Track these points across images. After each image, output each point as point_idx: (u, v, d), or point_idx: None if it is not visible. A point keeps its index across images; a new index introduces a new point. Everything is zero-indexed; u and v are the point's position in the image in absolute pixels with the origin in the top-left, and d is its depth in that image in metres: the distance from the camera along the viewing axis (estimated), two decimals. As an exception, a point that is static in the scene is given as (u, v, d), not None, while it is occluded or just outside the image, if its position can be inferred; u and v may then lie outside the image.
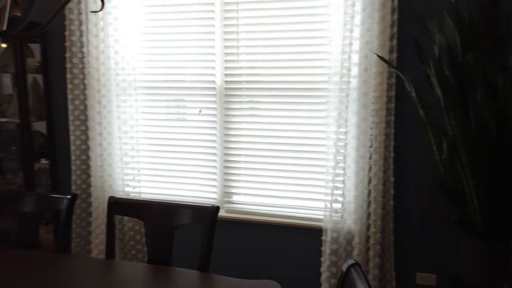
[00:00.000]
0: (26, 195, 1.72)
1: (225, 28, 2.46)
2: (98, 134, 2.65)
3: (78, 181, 2.78)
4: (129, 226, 2.72)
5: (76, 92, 2.69)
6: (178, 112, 2.66)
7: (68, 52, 2.62)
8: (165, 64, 2.61)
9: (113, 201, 1.65)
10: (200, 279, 1.38)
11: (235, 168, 2.58)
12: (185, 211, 1.57)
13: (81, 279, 1.34)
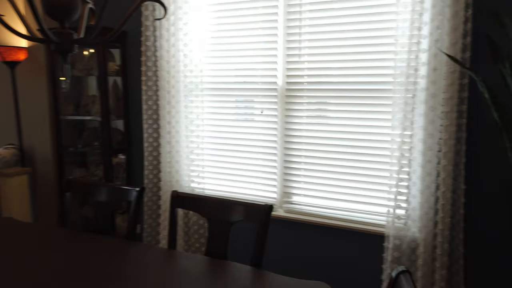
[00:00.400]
0: (103, 186, 1.91)
1: (288, 29, 2.48)
2: (167, 132, 2.84)
3: (150, 176, 3.00)
4: (194, 220, 2.87)
5: (150, 93, 2.91)
6: (241, 112, 2.74)
7: (143, 56, 2.84)
8: (229, 66, 2.70)
9: (175, 195, 1.77)
10: (252, 274, 1.42)
11: (295, 169, 2.59)
12: (240, 208, 1.63)
13: (141, 264, 1.46)
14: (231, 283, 1.35)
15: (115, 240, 1.69)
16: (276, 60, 2.54)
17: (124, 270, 1.42)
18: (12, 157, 3.23)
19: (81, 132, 3.37)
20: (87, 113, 3.18)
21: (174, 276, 1.39)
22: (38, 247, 1.61)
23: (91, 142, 3.26)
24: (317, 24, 2.40)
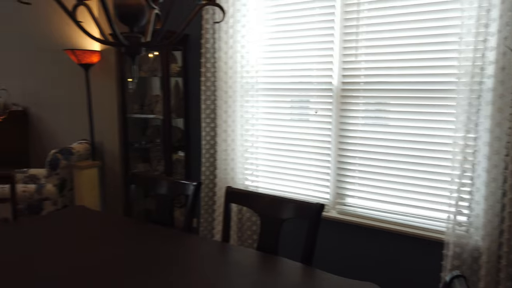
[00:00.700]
0: (163, 180, 2.04)
1: (345, 29, 2.46)
2: (224, 131, 2.94)
3: (206, 172, 3.13)
4: (247, 217, 2.94)
5: (208, 93, 3.03)
6: (295, 112, 2.76)
7: (202, 57, 2.97)
8: (284, 66, 2.74)
9: (229, 190, 1.84)
10: (302, 271, 1.44)
11: (350, 170, 2.56)
12: (291, 206, 1.65)
13: (196, 254, 1.55)
14: (281, 278, 1.38)
15: (173, 231, 1.80)
16: (332, 60, 2.53)
17: (180, 258, 1.51)
18: (85, 151, 3.54)
19: (145, 130, 3.61)
20: (151, 112, 3.39)
21: (227, 267, 1.46)
22: (105, 233, 1.77)
23: (154, 139, 3.47)
24: (375, 23, 2.35)
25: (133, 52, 1.09)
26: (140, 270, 1.41)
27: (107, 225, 1.88)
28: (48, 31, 4.02)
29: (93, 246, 1.63)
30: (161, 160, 3.46)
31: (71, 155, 3.36)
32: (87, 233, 1.77)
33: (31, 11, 4.14)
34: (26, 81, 4.36)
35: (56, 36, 3.96)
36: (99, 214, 2.03)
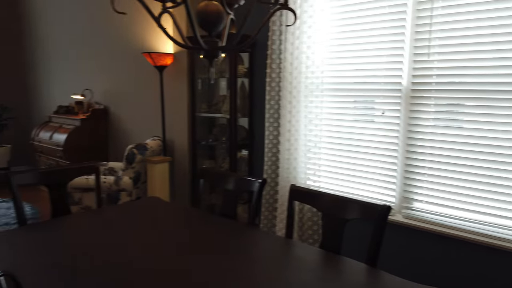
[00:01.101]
0: (231, 176, 2.15)
1: (417, 27, 2.38)
2: (287, 130, 2.99)
3: (268, 171, 3.20)
4: (308, 217, 2.96)
5: (273, 93, 3.10)
6: (360, 113, 2.73)
7: (268, 58, 3.05)
8: (350, 67, 2.71)
9: (293, 188, 1.89)
10: (366, 271, 1.44)
11: (418, 173, 2.47)
12: (357, 206, 1.65)
13: (260, 247, 1.61)
14: (345, 276, 1.40)
15: (238, 224, 1.88)
16: (401, 60, 2.46)
17: (246, 249, 1.59)
18: (157, 147, 3.80)
19: (211, 128, 3.78)
20: (218, 111, 3.54)
21: (290, 261, 1.50)
22: (177, 222, 1.91)
23: (220, 137, 3.62)
24: (450, 21, 2.25)
25: (211, 56, 1.18)
26: (208, 256, 1.51)
27: (179, 215, 2.02)
28: (128, 36, 4.38)
29: (166, 233, 1.76)
30: (226, 157, 3.60)
31: (145, 151, 3.62)
32: (161, 221, 1.92)
33: (114, 19, 4.53)
34: (107, 82, 4.78)
35: (135, 41, 4.29)
36: (172, 205, 2.19)
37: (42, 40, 5.84)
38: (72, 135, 4.50)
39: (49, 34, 5.65)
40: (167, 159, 3.64)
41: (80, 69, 5.19)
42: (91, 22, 4.88)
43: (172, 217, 2.00)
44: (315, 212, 2.95)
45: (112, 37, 4.60)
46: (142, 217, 1.99)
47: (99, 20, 4.76)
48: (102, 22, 4.72)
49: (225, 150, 3.66)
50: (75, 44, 5.20)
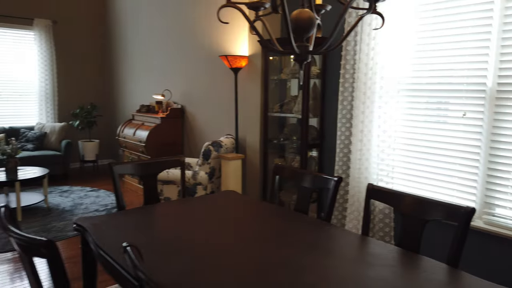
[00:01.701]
0: (307, 174, 2.23)
1: (505, 26, 2.27)
2: (360, 131, 3.00)
3: (339, 171, 3.23)
4: (380, 218, 2.95)
5: (346, 94, 3.13)
6: (437, 114, 2.66)
7: (343, 60, 3.08)
8: (429, 67, 2.65)
9: (370, 187, 1.92)
10: (448, 271, 1.44)
11: (502, 178, 2.36)
12: (439, 208, 1.65)
13: (337, 241, 1.68)
14: (425, 274, 1.42)
15: (314, 220, 1.96)
16: (486, 59, 2.36)
17: (322, 243, 1.67)
18: (231, 145, 4.00)
19: (282, 127, 3.89)
20: (289, 111, 3.64)
21: (367, 256, 1.55)
22: (254, 214, 2.04)
23: (290, 136, 3.72)
24: (544, 17, 2.12)
25: (302, 59, 1.28)
26: (286, 246, 1.61)
27: (256, 208, 2.16)
28: (205, 40, 4.66)
29: (246, 223, 1.90)
30: (296, 156, 3.69)
31: (220, 148, 3.84)
32: (240, 213, 2.06)
33: (193, 24, 4.84)
34: (185, 83, 5.12)
35: (211, 45, 4.55)
36: (248, 198, 2.34)
37: (126, 45, 6.40)
38: (153, 132, 4.89)
39: (133, 39, 6.18)
40: (240, 156, 3.83)
41: (160, 71, 5.61)
42: (172, 28, 5.26)
43: (250, 209, 2.14)
44: (387, 214, 2.92)
45: (190, 42, 4.93)
46: (222, 207, 2.15)
47: (179, 25, 5.12)
48: (181, 28, 5.07)
49: (295, 149, 3.75)
50: (157, 48, 5.63)
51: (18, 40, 6.11)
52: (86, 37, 6.79)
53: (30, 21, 6.13)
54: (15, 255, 3.24)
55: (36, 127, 6.05)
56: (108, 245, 1.62)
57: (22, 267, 1.37)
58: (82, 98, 6.83)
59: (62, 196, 4.99)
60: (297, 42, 1.29)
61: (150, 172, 2.44)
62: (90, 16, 6.79)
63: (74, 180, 5.93)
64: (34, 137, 5.82)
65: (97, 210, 4.45)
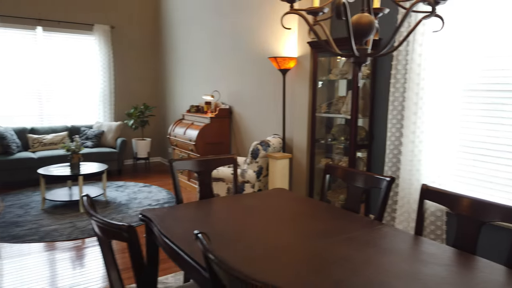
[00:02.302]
0: (358, 173, 2.27)
1: None
2: (412, 132, 2.97)
3: (388, 172, 3.21)
4: (431, 220, 2.90)
5: (396, 94, 3.11)
6: (496, 115, 2.58)
7: (394, 60, 3.06)
8: (487, 66, 2.58)
9: (425, 188, 1.93)
10: (508, 274, 1.43)
11: None
12: (497, 209, 1.63)
13: (389, 240, 1.70)
14: (483, 275, 1.42)
15: (366, 218, 2.00)
16: (550, 59, 2.27)
17: (376, 241, 1.70)
18: (278, 144, 4.09)
19: (329, 128, 3.92)
20: (337, 112, 3.66)
21: (422, 255, 1.57)
22: (306, 211, 2.11)
23: (338, 137, 3.74)
24: None
25: (361, 62, 1.33)
26: (341, 243, 1.67)
27: (307, 205, 2.22)
28: (253, 42, 4.79)
29: (299, 220, 1.98)
30: (343, 157, 3.70)
31: (268, 147, 3.94)
32: (292, 209, 2.14)
33: (242, 27, 4.99)
34: (233, 84, 5.28)
35: (260, 47, 4.67)
36: (298, 196, 2.41)
37: (177, 48, 6.69)
38: (202, 131, 5.09)
39: (184, 41, 6.45)
40: (287, 156, 3.90)
41: (209, 73, 5.82)
42: (221, 30, 5.44)
43: (302, 206, 2.21)
44: (439, 217, 2.87)
45: (239, 44, 5.08)
46: (274, 204, 2.24)
47: (228, 28, 5.29)
48: (231, 30, 5.24)
49: (343, 149, 3.76)
50: (206, 50, 5.85)
51: (80, 44, 6.58)
52: (140, 41, 7.17)
53: (91, 26, 6.59)
54: (77, 244, 3.53)
55: (95, 126, 6.48)
56: (172, 234, 1.76)
57: (100, 249, 1.53)
58: (136, 98, 7.22)
59: (118, 191, 5.33)
60: (356, 45, 1.34)
61: (205, 168, 2.58)
62: (144, 21, 7.16)
63: (128, 175, 6.29)
64: (93, 135, 6.25)
65: (150, 204, 4.71)
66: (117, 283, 1.50)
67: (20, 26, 6.03)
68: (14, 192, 5.20)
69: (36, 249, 3.40)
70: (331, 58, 3.79)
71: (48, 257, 3.25)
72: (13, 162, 5.33)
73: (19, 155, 5.46)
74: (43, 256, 3.26)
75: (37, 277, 2.89)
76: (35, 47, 6.20)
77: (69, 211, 4.42)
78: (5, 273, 2.94)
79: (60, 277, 2.90)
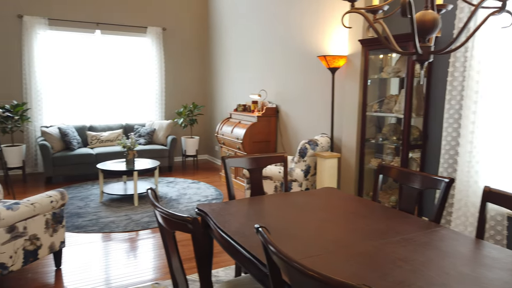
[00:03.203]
0: (414, 174, 2.22)
1: None
2: (470, 132, 2.84)
3: (444, 173, 3.09)
4: (491, 215, 2.76)
5: (454, 93, 2.98)
6: None
7: (452, 57, 2.94)
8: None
9: (487, 190, 1.85)
10: None
11: None
12: None
13: (449, 243, 1.65)
14: (555, 283, 1.34)
15: (422, 220, 1.95)
16: None
17: (435, 243, 1.66)
18: (326, 143, 4.07)
19: (379, 127, 3.84)
20: (388, 111, 3.58)
21: (485, 259, 1.51)
22: (360, 211, 2.09)
23: (389, 136, 3.65)
24: None
25: (424, 59, 1.31)
26: (399, 244, 1.64)
27: (359, 204, 2.21)
28: (301, 41, 4.79)
29: (354, 219, 1.97)
30: (395, 157, 3.61)
31: (316, 146, 3.93)
32: (346, 208, 2.13)
33: (289, 26, 5.01)
34: (280, 83, 5.31)
35: (308, 45, 4.66)
36: (350, 196, 2.39)
37: (225, 48, 6.83)
38: (249, 130, 5.17)
39: (231, 41, 6.58)
40: (336, 155, 3.87)
41: (256, 72, 5.89)
42: (268, 30, 5.49)
43: (355, 206, 2.20)
44: (499, 221, 2.73)
45: (286, 43, 5.10)
46: (325, 202, 2.25)
47: (275, 27, 5.33)
48: (278, 29, 5.27)
49: (394, 149, 3.67)
50: (253, 50, 5.93)
51: (134, 46, 6.91)
52: (189, 41, 7.40)
53: (144, 29, 6.90)
54: (131, 235, 3.73)
55: (147, 124, 6.79)
56: (229, 228, 1.83)
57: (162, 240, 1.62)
58: (185, 97, 7.47)
59: (168, 186, 5.55)
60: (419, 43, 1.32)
61: (256, 166, 2.63)
62: (194, 22, 7.38)
63: (177, 172, 6.53)
64: (146, 133, 6.54)
65: (199, 200, 4.87)
66: (179, 271, 1.59)
67: (81, 30, 6.45)
68: (75, 185, 5.58)
69: (96, 239, 3.64)
70: (383, 56, 3.71)
71: (106, 247, 3.47)
72: (74, 158, 5.71)
73: (79, 151, 5.85)
74: (102, 245, 3.49)
75: (95, 265, 3.10)
76: (94, 49, 6.61)
77: (125, 204, 4.67)
78: (68, 259, 3.18)
79: (114, 266, 3.09)
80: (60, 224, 2.94)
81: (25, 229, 2.64)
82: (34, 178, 5.95)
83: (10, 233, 2.54)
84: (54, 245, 2.90)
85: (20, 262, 2.62)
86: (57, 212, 2.91)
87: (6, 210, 2.50)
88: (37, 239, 2.74)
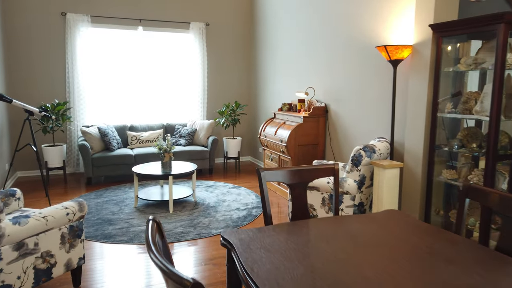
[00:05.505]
0: None
1: None
2: None
3: (545, 193, 2.38)
4: None
5: None
6: None
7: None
8: None
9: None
10: None
11: None
12: None
13: None
14: None
15: None
16: None
17: None
18: (385, 150, 3.44)
19: (454, 132, 3.15)
20: (467, 111, 2.89)
21: None
22: (434, 250, 1.51)
23: (467, 143, 2.96)
24: None
25: None
26: None
27: (437, 239, 1.62)
28: (354, 33, 4.17)
29: (432, 264, 1.40)
30: (475, 168, 2.92)
31: (373, 153, 3.33)
32: (416, 245, 1.56)
33: (338, 21, 4.40)
34: (329, 80, 4.72)
35: (363, 37, 4.04)
36: (421, 224, 1.80)
37: (270, 43, 6.34)
38: (295, 131, 4.64)
39: (276, 36, 6.07)
40: (398, 165, 3.24)
41: (303, 68, 5.34)
42: (316, 21, 4.91)
43: (428, 241, 1.61)
44: None
45: (337, 35, 4.50)
46: (389, 233, 1.68)
47: (324, 18, 4.74)
48: (327, 20, 4.68)
49: (473, 159, 2.97)
50: (299, 44, 5.38)
51: (177, 42, 6.64)
52: (233, 37, 7.00)
53: (187, 24, 6.60)
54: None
55: (189, 124, 6.49)
56: (258, 272, 1.34)
57: None
58: (227, 96, 7.09)
59: (207, 191, 5.18)
60: None
61: (300, 180, 2.13)
62: (238, 17, 6.97)
63: (218, 175, 6.16)
64: (186, 133, 6.24)
65: (238, 208, 4.43)
66: None
67: (123, 27, 6.28)
68: (113, 187, 5.39)
69: (123, 251, 3.31)
70: (461, 44, 3.02)
71: (133, 262, 3.13)
72: (113, 158, 5.53)
73: (119, 151, 5.67)
74: (129, 259, 3.15)
75: (119, 285, 2.76)
76: (135, 46, 6.42)
77: (159, 211, 4.35)
78: (89, 277, 2.87)
79: (141, 286, 2.72)
80: (78, 239, 2.63)
81: (36, 246, 2.34)
82: (75, 179, 5.87)
83: (18, 251, 2.24)
84: (71, 262, 2.59)
85: (30, 283, 2.32)
86: (75, 225, 2.59)
87: (12, 225, 2.20)
88: (50, 256, 2.44)
